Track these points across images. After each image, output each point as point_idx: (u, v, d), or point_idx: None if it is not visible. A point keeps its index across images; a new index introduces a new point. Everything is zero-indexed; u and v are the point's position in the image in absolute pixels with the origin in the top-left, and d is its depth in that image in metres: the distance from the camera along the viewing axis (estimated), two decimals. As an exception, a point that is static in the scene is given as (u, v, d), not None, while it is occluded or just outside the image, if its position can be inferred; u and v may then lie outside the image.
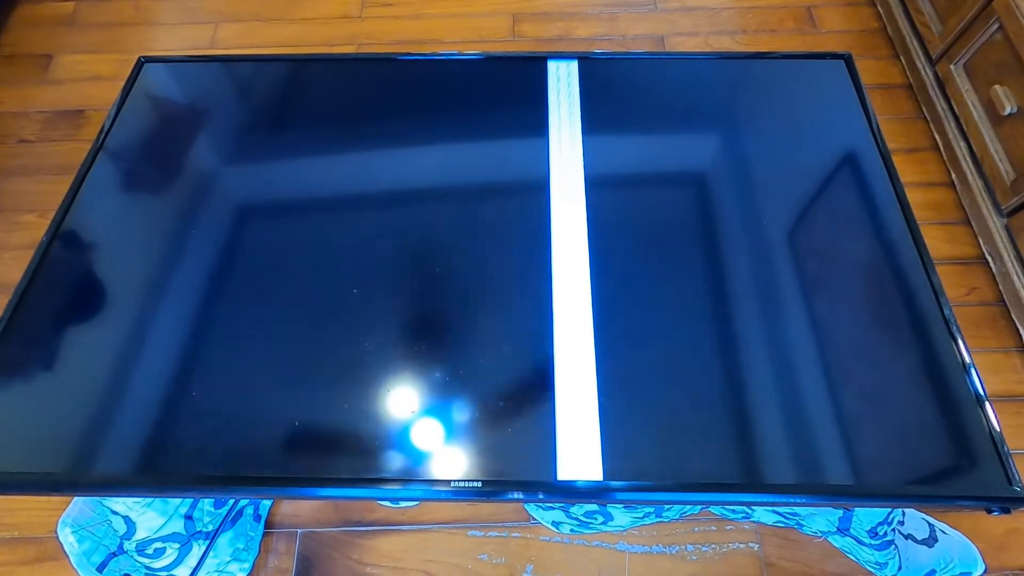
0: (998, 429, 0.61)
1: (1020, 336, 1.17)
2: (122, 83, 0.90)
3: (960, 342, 0.66)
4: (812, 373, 0.65)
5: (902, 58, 1.53)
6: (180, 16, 1.71)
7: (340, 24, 1.68)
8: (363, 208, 0.79)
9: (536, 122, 0.84)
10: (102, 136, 0.84)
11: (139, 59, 0.92)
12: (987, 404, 0.62)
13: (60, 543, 0.78)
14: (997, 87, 1.17)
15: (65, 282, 0.73)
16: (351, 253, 0.74)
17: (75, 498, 0.81)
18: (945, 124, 1.35)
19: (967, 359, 0.65)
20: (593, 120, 0.85)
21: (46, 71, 1.62)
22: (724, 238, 0.74)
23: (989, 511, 0.58)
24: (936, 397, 0.63)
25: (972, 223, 1.28)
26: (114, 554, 0.82)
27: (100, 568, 0.81)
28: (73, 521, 0.79)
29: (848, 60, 0.89)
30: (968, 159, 1.29)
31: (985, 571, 0.95)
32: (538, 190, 0.78)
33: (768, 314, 0.69)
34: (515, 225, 0.76)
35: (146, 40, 1.68)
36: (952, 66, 1.31)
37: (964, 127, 1.29)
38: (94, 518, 0.80)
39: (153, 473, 0.60)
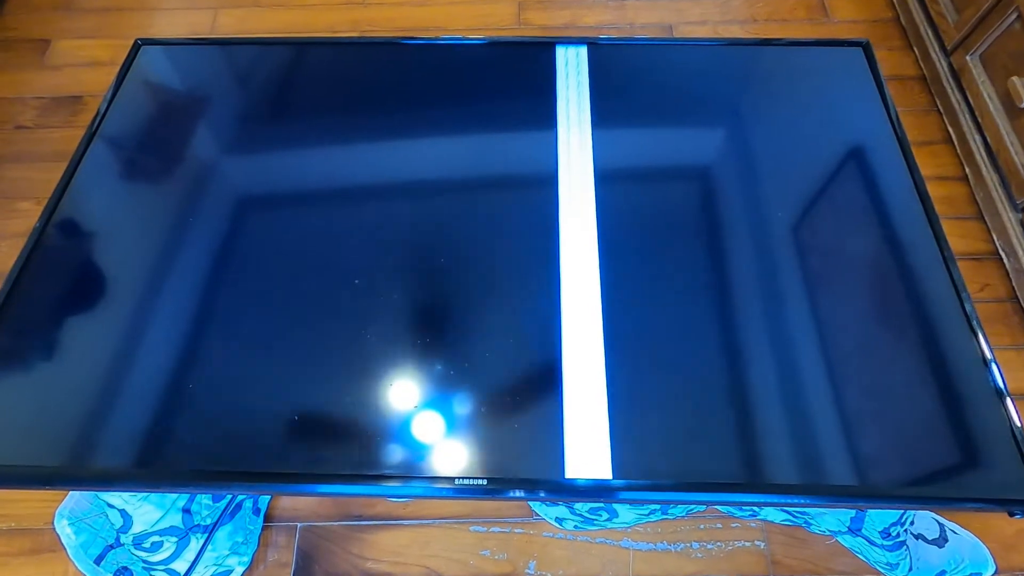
0: (1021, 428, 0.59)
1: (1033, 333, 1.15)
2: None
3: (981, 338, 0.64)
4: (829, 370, 0.63)
5: (916, 49, 1.50)
6: (180, 1, 1.68)
7: (342, 10, 1.65)
8: (365, 197, 0.77)
9: (544, 109, 0.82)
10: (97, 120, 0.82)
11: (136, 41, 0.90)
12: (1009, 401, 0.60)
13: (57, 535, 0.77)
14: (1015, 79, 1.14)
15: (59, 270, 0.71)
16: (352, 243, 0.72)
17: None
18: (959, 116, 1.33)
19: (988, 355, 0.63)
20: (602, 107, 0.82)
21: (43, 56, 1.59)
22: (738, 232, 0.72)
23: (1012, 514, 0.56)
24: (957, 395, 0.61)
25: (985, 218, 1.26)
26: (111, 546, 0.81)
27: (97, 560, 0.79)
28: (70, 513, 0.77)
29: (867, 48, 0.87)
30: (983, 152, 1.26)
31: (996, 572, 0.93)
32: (546, 179, 0.76)
33: (784, 310, 0.66)
34: (522, 215, 0.74)
35: (145, 25, 1.65)
36: (968, 57, 1.28)
37: (979, 119, 1.26)
38: (91, 510, 0.78)
39: (150, 467, 0.59)
